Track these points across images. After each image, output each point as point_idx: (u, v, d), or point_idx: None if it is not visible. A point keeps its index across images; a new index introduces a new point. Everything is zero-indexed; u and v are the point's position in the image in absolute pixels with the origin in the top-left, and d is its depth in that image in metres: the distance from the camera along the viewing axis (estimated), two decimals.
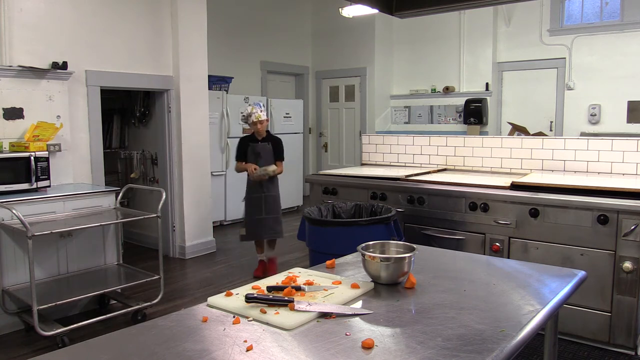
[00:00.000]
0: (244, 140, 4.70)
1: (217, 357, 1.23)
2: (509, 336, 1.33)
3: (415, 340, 1.31)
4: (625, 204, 2.90)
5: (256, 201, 4.59)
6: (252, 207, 4.61)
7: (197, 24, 5.41)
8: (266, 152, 4.61)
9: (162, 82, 5.22)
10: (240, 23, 7.79)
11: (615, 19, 7.05)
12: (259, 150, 4.60)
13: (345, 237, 2.93)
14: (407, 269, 1.74)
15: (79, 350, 1.35)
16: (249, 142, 4.64)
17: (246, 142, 4.67)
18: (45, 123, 3.96)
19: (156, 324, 1.46)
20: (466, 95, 7.99)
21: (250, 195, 4.64)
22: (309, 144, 9.31)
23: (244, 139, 4.71)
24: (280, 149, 4.68)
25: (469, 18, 7.88)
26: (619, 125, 7.01)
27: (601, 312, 3.05)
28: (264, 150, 4.61)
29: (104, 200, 3.97)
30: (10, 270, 3.46)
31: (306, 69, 9.21)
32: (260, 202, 4.58)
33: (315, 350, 1.26)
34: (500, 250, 3.30)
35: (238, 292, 1.65)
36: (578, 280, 1.83)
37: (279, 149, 4.68)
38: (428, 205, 3.60)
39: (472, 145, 4.32)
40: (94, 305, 3.97)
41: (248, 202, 4.67)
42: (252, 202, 4.61)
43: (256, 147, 4.61)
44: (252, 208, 4.61)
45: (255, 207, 4.59)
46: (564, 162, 3.88)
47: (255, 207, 4.59)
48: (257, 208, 4.58)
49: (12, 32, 4.00)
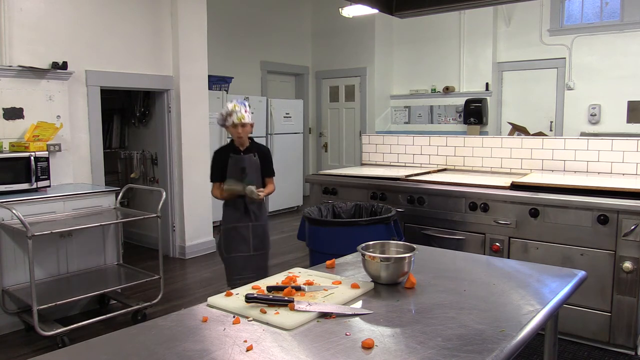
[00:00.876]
0: (221, 153, 3.47)
1: (217, 357, 1.23)
2: (509, 336, 1.33)
3: (415, 340, 1.31)
4: (625, 204, 2.90)
5: (242, 234, 3.39)
6: (236, 241, 3.40)
7: (197, 24, 5.41)
8: (253, 166, 3.42)
9: (162, 82, 5.22)
10: (240, 23, 7.79)
11: (615, 19, 7.05)
12: (244, 164, 3.39)
13: (345, 237, 2.93)
14: (407, 269, 1.74)
15: (79, 350, 1.35)
16: (230, 154, 3.41)
17: (224, 154, 3.44)
18: (45, 123, 3.96)
19: (156, 324, 1.46)
20: (466, 95, 7.98)
21: (231, 225, 3.40)
22: (309, 144, 9.31)
23: (221, 151, 3.50)
24: (269, 162, 3.55)
25: (469, 18, 7.88)
26: (619, 125, 7.01)
27: (601, 312, 3.05)
28: (251, 164, 3.41)
29: (104, 200, 3.97)
30: (10, 270, 3.46)
31: (306, 69, 9.21)
32: (247, 235, 3.40)
33: (315, 350, 1.26)
34: (500, 250, 3.30)
35: (238, 292, 1.65)
36: (578, 280, 1.83)
37: (268, 162, 3.54)
38: (428, 205, 3.60)
39: (472, 145, 4.31)
40: (94, 305, 3.97)
41: (228, 235, 3.42)
42: (236, 235, 3.39)
43: (240, 160, 3.39)
44: (236, 243, 3.40)
45: (240, 241, 3.40)
46: (564, 162, 3.88)
47: (240, 242, 3.40)
48: (242, 243, 3.39)
49: (12, 32, 4.00)
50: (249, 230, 3.41)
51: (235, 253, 3.41)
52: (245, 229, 3.40)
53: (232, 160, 3.39)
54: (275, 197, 7.73)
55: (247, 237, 3.41)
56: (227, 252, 3.43)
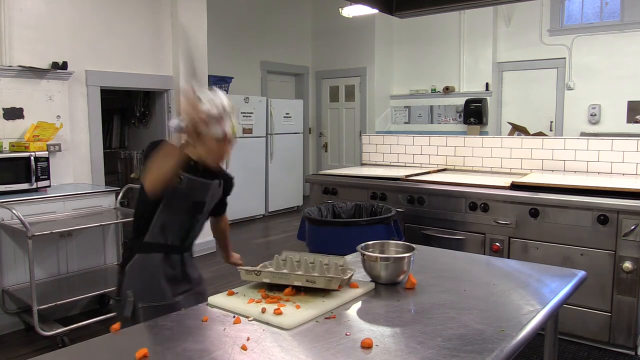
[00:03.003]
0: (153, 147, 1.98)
1: (217, 357, 1.23)
2: (509, 336, 1.33)
3: (415, 340, 1.31)
4: (625, 204, 2.90)
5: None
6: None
7: (197, 24, 5.41)
8: (212, 201, 2.16)
9: (162, 82, 5.22)
10: (240, 23, 7.78)
11: (615, 19, 7.05)
12: (206, 198, 2.10)
13: (345, 237, 2.93)
14: (407, 269, 1.74)
15: (79, 350, 1.35)
16: (186, 172, 1.96)
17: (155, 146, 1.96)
18: (45, 123, 3.95)
19: (156, 324, 1.46)
20: (466, 95, 7.98)
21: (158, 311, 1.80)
22: (309, 144, 9.31)
23: (154, 143, 2.02)
24: (228, 193, 2.28)
25: (469, 18, 7.88)
26: (619, 125, 7.01)
27: (601, 312, 3.05)
28: (212, 199, 2.15)
29: (104, 200, 3.97)
30: (10, 270, 3.46)
31: (306, 69, 9.21)
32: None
33: (315, 350, 1.26)
34: (500, 250, 3.30)
35: (239, 291, 1.65)
36: (578, 280, 1.83)
37: (227, 195, 2.27)
38: (428, 205, 3.60)
39: (472, 145, 4.31)
40: (94, 305, 3.96)
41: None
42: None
43: (204, 188, 2.07)
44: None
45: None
46: (564, 162, 3.88)
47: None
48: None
49: (12, 32, 4.00)
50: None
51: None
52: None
53: (189, 183, 1.97)
54: (276, 197, 7.76)
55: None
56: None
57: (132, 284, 1.99)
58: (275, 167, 7.68)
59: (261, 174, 7.49)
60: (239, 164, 6.94)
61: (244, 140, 7.04)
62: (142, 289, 1.98)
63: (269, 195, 7.65)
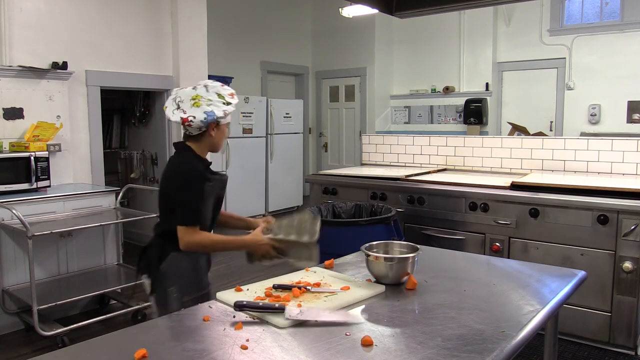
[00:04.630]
0: (201, 173, 2.08)
1: (217, 357, 1.23)
2: (509, 336, 1.33)
3: (415, 340, 1.31)
4: (625, 204, 2.90)
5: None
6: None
7: (197, 24, 5.41)
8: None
9: (162, 82, 5.22)
10: (240, 23, 7.78)
11: (615, 19, 7.04)
12: (223, 192, 2.24)
13: (345, 237, 2.92)
14: (410, 269, 1.74)
15: (79, 350, 1.35)
16: (208, 174, 2.11)
17: (204, 174, 2.09)
18: (45, 123, 3.95)
19: (156, 324, 1.46)
20: (466, 95, 7.98)
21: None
22: (309, 144, 9.30)
23: (200, 170, 2.08)
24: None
25: (469, 18, 7.88)
26: (619, 125, 7.01)
27: (601, 312, 3.05)
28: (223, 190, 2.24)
29: (104, 200, 3.97)
30: (10, 270, 3.46)
31: (306, 69, 9.20)
32: None
33: (315, 350, 1.26)
34: (500, 250, 3.30)
35: (248, 288, 1.66)
36: (578, 280, 1.83)
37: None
38: (428, 205, 3.60)
39: (472, 145, 4.31)
40: (94, 305, 3.96)
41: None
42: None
43: (223, 183, 2.23)
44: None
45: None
46: (564, 162, 3.88)
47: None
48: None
49: (12, 32, 4.00)
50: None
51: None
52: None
53: (212, 185, 2.09)
54: (276, 197, 7.76)
55: None
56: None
57: (175, 281, 2.05)
58: (275, 167, 7.68)
59: (261, 174, 7.49)
60: (239, 164, 6.95)
61: (244, 140, 7.04)
62: (186, 283, 2.06)
63: (269, 195, 7.65)
